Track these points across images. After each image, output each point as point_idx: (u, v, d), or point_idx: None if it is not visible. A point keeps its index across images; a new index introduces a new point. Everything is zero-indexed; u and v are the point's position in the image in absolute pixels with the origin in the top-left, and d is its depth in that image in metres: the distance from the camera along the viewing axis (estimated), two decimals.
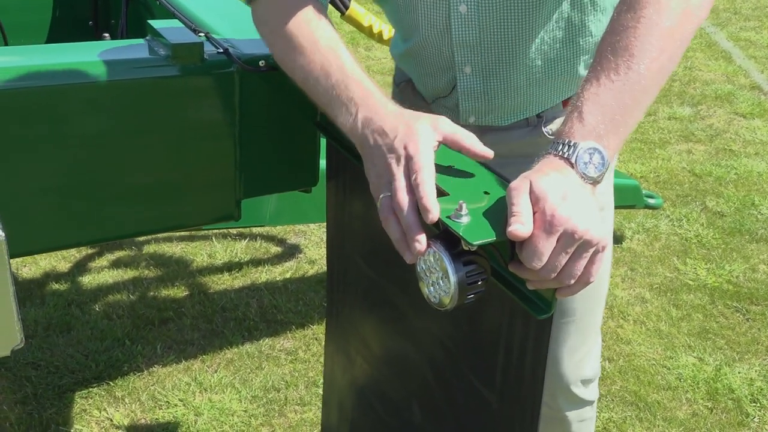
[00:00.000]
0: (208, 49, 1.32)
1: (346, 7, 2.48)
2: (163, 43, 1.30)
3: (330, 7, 1.76)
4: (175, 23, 1.39)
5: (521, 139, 1.34)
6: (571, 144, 0.92)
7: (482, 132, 1.32)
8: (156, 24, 1.36)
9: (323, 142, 1.42)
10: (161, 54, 1.29)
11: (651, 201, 3.02)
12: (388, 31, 2.60)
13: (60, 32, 2.17)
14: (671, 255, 3.09)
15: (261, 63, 1.33)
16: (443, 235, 0.89)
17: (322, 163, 1.45)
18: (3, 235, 0.84)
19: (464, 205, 0.87)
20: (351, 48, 1.18)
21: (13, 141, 1.17)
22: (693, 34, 1.00)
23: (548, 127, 1.33)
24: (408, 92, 1.43)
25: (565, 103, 1.32)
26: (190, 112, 1.30)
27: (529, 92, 1.30)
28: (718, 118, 4.44)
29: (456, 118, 1.29)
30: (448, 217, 0.87)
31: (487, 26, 1.24)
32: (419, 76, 1.39)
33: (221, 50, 1.33)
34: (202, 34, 1.37)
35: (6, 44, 2.06)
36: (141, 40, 1.38)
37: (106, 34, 1.73)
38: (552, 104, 1.32)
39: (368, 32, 2.57)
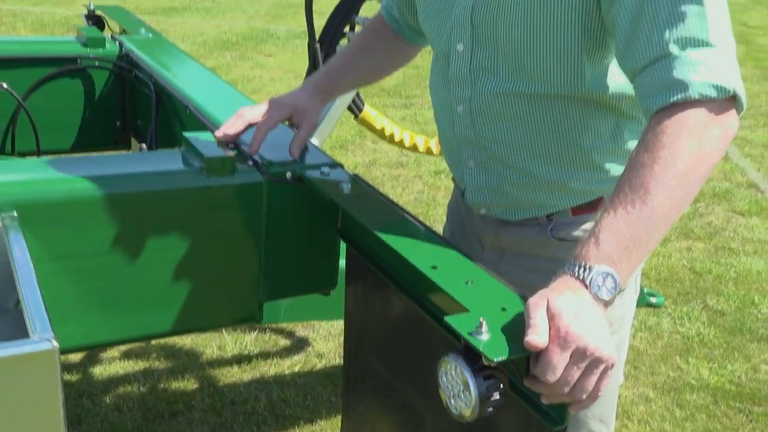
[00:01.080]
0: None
1: (360, 110, 2.61)
2: (197, 155, 1.39)
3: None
4: (206, 135, 1.49)
5: (533, 238, 1.42)
6: (587, 267, 0.99)
7: (497, 225, 1.45)
8: (189, 136, 1.45)
9: (342, 246, 1.50)
10: (195, 166, 1.38)
11: (653, 300, 3.08)
12: (399, 132, 2.73)
13: (89, 132, 2.28)
14: (674, 353, 3.13)
15: (288, 175, 1.42)
16: (465, 350, 0.95)
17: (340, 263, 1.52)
18: (57, 345, 0.90)
19: (484, 323, 0.94)
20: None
21: (55, 247, 1.24)
22: (707, 174, 1.07)
23: (557, 233, 1.40)
24: (455, 181, 1.57)
25: (575, 211, 1.39)
26: (221, 220, 1.38)
27: (531, 192, 1.38)
28: (716, 215, 4.54)
29: (472, 210, 1.45)
30: (470, 334, 0.94)
31: (480, 125, 1.35)
32: (449, 167, 1.53)
33: (251, 162, 1.43)
34: (232, 146, 1.47)
35: (38, 143, 2.16)
36: (175, 151, 1.47)
37: (143, 145, 1.82)
38: (560, 208, 1.39)
39: (380, 134, 2.70)
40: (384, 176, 4.86)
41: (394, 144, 2.76)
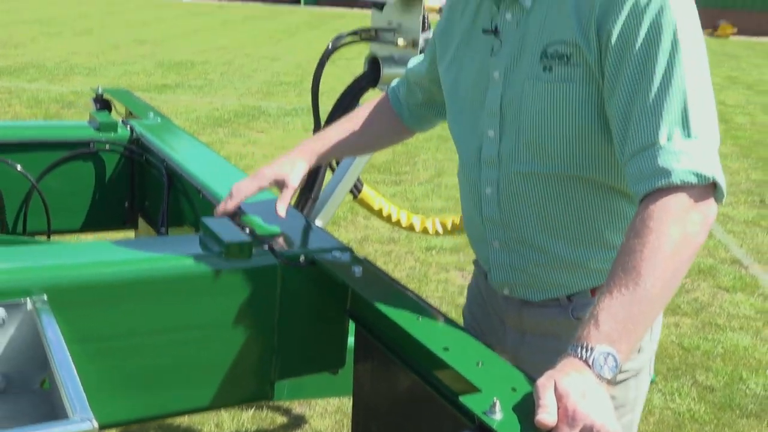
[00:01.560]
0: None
1: (359, 191, 2.71)
2: (216, 240, 1.47)
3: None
4: (223, 220, 1.57)
5: (555, 318, 1.49)
6: (589, 347, 1.07)
7: (520, 305, 1.53)
8: (208, 221, 1.53)
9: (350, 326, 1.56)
10: (214, 250, 1.46)
11: None
12: (396, 213, 2.82)
13: (98, 213, 2.36)
14: (666, 430, 3.17)
15: (301, 258, 1.49)
16: (478, 429, 1.02)
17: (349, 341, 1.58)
18: (96, 425, 0.95)
19: (498, 402, 1.00)
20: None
21: (83, 329, 1.30)
22: (693, 256, 1.16)
23: (578, 313, 1.47)
24: (477, 263, 1.66)
25: (593, 291, 1.46)
26: (237, 302, 1.45)
27: (553, 272, 1.46)
28: (702, 291, 4.64)
29: (496, 290, 1.54)
30: (484, 413, 1.00)
31: (508, 208, 1.45)
32: (473, 249, 1.62)
33: (266, 247, 1.50)
34: (248, 230, 1.55)
35: (49, 224, 2.23)
36: (193, 235, 1.55)
37: (163, 229, 1.89)
38: (580, 288, 1.47)
39: (378, 214, 2.78)
40: (376, 252, 4.94)
41: (391, 224, 2.85)
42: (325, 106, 2.51)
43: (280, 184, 1.64)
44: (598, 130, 1.32)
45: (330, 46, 2.23)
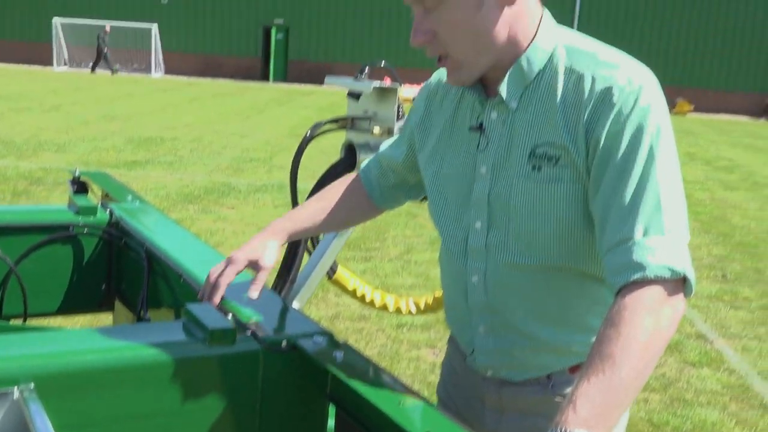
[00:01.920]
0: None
1: (334, 272, 2.75)
2: (200, 326, 1.50)
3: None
4: (205, 306, 1.60)
5: (534, 396, 1.56)
6: (567, 431, 1.12)
7: (499, 385, 1.59)
8: (191, 307, 1.57)
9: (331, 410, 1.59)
10: (198, 336, 1.49)
11: None
12: (370, 293, 2.86)
13: (74, 296, 2.37)
14: None
15: (283, 344, 1.53)
16: None
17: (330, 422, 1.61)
18: None
19: None
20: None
21: (70, 416, 1.32)
22: (663, 349, 1.24)
23: (557, 390, 1.54)
24: (453, 344, 1.70)
25: (571, 369, 1.53)
26: (220, 387, 1.48)
27: (537, 355, 1.53)
28: (669, 366, 4.71)
29: (477, 371, 1.59)
30: None
31: (496, 296, 1.52)
32: (454, 332, 1.67)
33: (249, 332, 1.54)
34: (230, 316, 1.59)
35: (26, 307, 2.24)
36: (176, 322, 1.58)
37: (139, 315, 1.92)
38: (559, 368, 1.54)
39: (352, 294, 2.83)
40: (347, 330, 4.95)
41: (365, 304, 2.89)
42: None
43: (254, 266, 1.68)
44: (585, 224, 1.40)
45: (309, 134, 2.30)
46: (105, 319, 2.59)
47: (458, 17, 1.36)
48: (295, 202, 2.37)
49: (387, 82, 2.38)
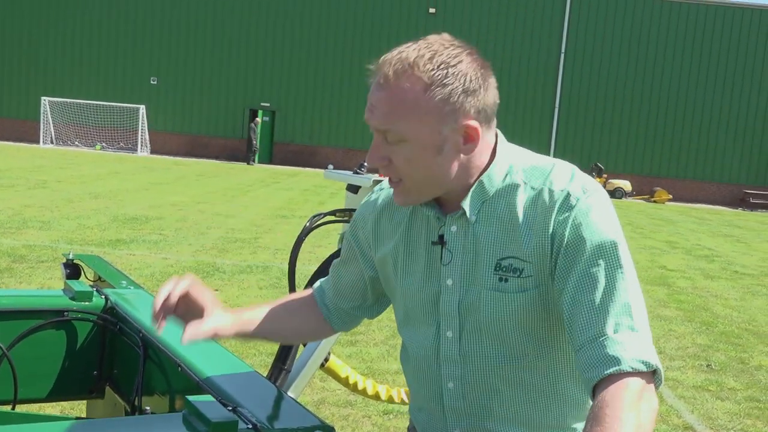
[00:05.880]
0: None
1: (326, 360, 2.74)
2: (202, 419, 1.49)
3: None
4: (207, 398, 1.60)
5: None
6: None
7: None
8: (193, 400, 1.56)
9: None
10: (200, 429, 1.48)
11: None
12: (362, 381, 2.85)
13: (66, 382, 2.34)
14: None
15: None
16: None
17: None
18: None
19: None
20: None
21: None
22: None
23: None
24: None
25: None
26: None
27: None
28: None
29: None
30: None
31: (473, 399, 1.55)
32: (423, 430, 1.66)
33: (250, 425, 1.53)
34: (230, 408, 1.58)
35: (16, 393, 2.21)
36: (176, 414, 1.56)
37: (133, 403, 1.89)
38: None
39: (344, 382, 2.81)
40: (333, 416, 4.88)
41: (357, 393, 2.87)
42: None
43: (197, 308, 1.66)
44: (556, 321, 1.47)
45: (308, 224, 2.33)
46: (93, 406, 2.55)
47: (417, 157, 1.43)
48: (292, 290, 2.38)
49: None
